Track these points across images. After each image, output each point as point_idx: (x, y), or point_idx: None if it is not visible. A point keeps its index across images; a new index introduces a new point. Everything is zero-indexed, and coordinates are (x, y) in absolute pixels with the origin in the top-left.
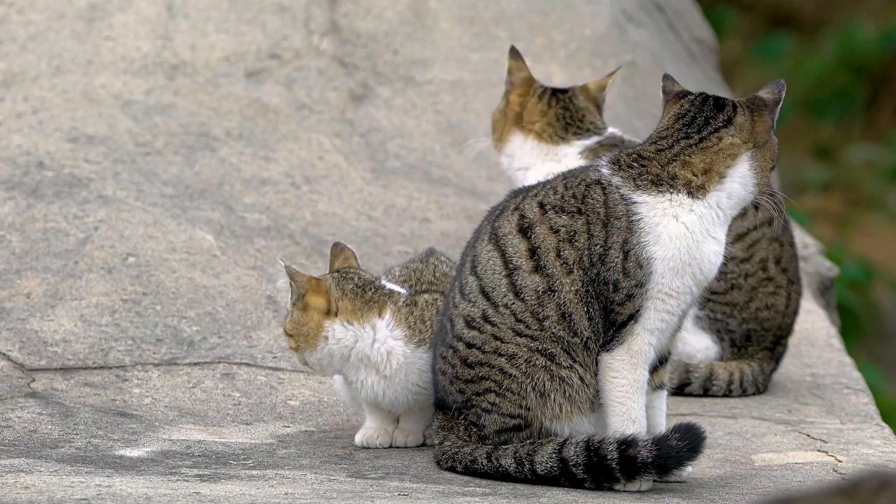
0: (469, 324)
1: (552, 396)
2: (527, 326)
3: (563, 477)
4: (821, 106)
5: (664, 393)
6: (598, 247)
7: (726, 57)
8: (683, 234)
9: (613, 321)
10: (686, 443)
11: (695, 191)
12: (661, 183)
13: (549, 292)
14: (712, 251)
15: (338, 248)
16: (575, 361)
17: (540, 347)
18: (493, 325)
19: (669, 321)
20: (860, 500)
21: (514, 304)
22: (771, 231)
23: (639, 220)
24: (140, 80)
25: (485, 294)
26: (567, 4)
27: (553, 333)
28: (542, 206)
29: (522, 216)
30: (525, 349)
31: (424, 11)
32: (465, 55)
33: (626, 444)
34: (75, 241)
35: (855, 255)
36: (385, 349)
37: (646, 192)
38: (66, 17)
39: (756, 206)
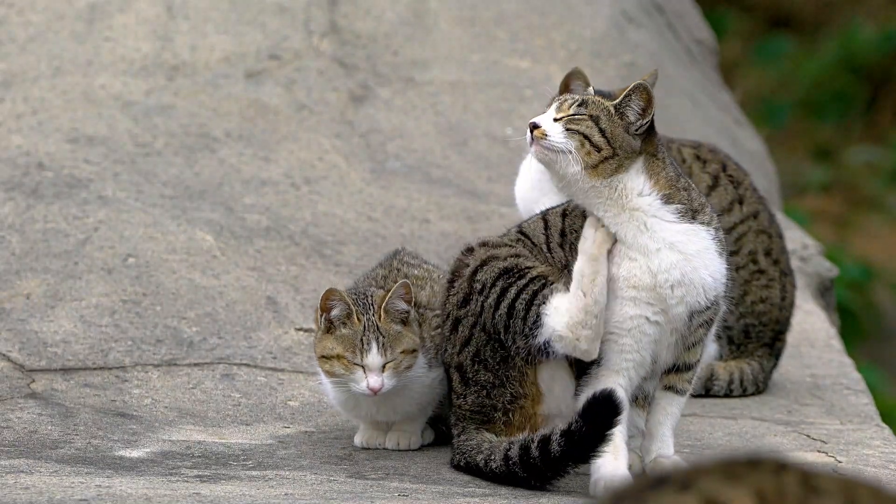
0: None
1: None
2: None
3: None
4: (821, 107)
5: (672, 396)
6: None
7: (726, 58)
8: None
9: None
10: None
11: None
12: None
13: (564, 269)
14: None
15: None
16: None
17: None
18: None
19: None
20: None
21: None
22: (757, 224)
23: None
24: (140, 81)
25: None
26: (567, 5)
27: None
28: None
29: (570, 203)
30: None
31: (424, 12)
32: (465, 56)
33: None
34: (75, 241)
35: (855, 255)
36: None
37: None
38: (65, 17)
39: (741, 202)
